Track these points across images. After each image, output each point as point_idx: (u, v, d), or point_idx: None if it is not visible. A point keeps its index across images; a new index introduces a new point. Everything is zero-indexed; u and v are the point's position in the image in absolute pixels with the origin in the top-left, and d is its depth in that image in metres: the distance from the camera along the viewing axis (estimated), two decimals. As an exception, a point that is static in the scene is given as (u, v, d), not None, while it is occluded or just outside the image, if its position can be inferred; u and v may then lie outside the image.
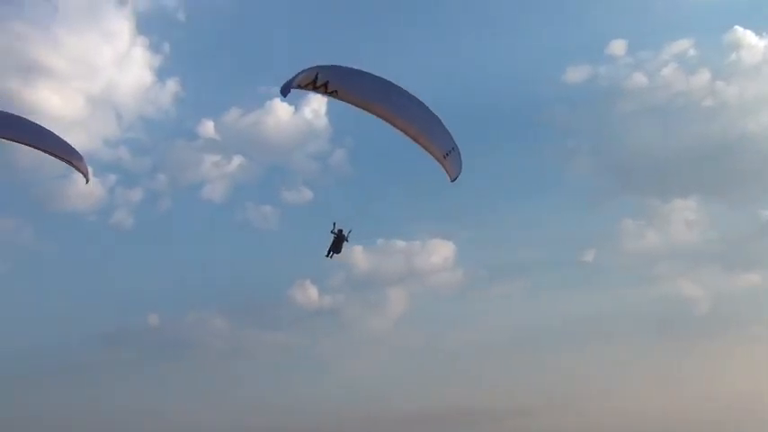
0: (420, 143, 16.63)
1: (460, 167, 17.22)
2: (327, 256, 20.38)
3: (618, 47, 75.44)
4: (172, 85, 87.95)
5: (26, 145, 16.68)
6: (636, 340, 65.61)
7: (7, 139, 16.65)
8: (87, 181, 18.68)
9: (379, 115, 16.28)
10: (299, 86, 15.20)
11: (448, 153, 16.79)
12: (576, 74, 76.82)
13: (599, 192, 77.46)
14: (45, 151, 16.90)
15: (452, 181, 17.19)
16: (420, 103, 16.71)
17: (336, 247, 20.36)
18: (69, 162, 17.56)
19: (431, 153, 16.76)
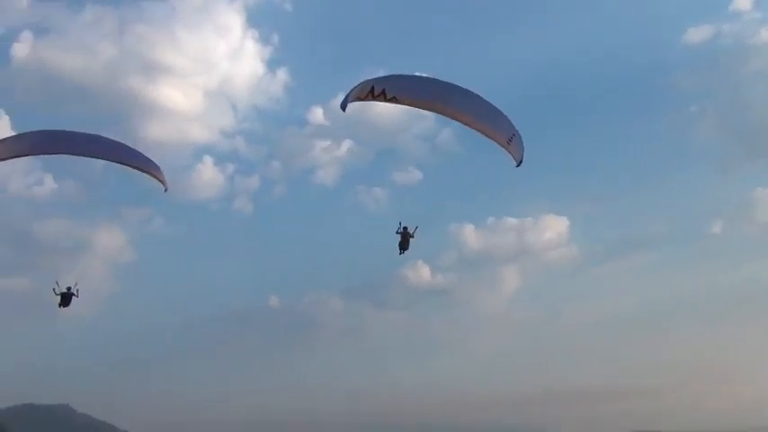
0: (484, 133, 17.04)
1: (523, 151, 17.57)
2: (400, 254, 20.69)
3: (743, 1, 75.19)
4: (282, 75, 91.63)
5: (112, 161, 17.80)
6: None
7: (95, 157, 17.92)
8: (166, 190, 19.45)
9: (440, 113, 16.93)
10: (359, 99, 15.93)
11: (510, 139, 17.17)
12: (696, 34, 76.77)
13: (727, 158, 79.93)
14: (128, 165, 18.00)
15: (517, 165, 17.51)
16: (477, 97, 16.97)
17: (404, 244, 20.62)
18: (149, 173, 18.49)
19: (495, 141, 17.17)
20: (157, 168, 18.45)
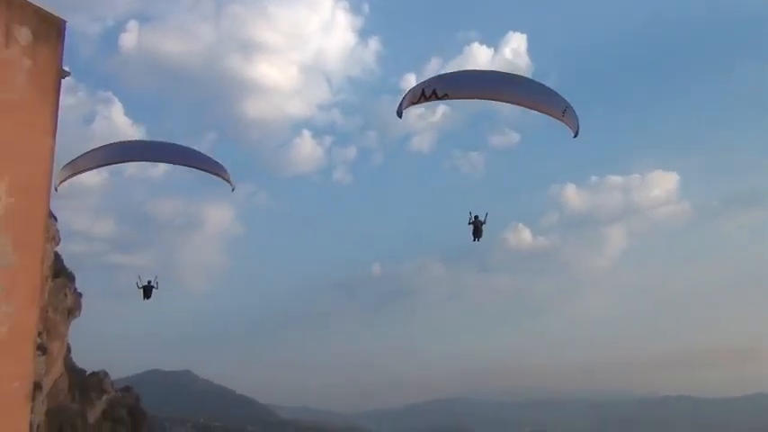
0: (538, 110, 17.64)
1: (578, 121, 18.06)
2: (474, 240, 21.37)
3: None
4: (374, 44, 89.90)
5: (180, 165, 19.29)
6: None
7: (168, 162, 19.68)
8: (233, 189, 20.50)
9: (491, 99, 17.72)
10: (412, 104, 16.88)
11: (564, 111, 17.58)
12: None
13: None
14: (197, 168, 19.17)
15: (575, 136, 18.06)
16: (524, 78, 18.10)
17: (477, 232, 21.15)
18: (217, 174, 19.47)
19: (551, 115, 17.63)
20: (224, 170, 19.96)
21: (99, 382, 77.45)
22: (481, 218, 21.17)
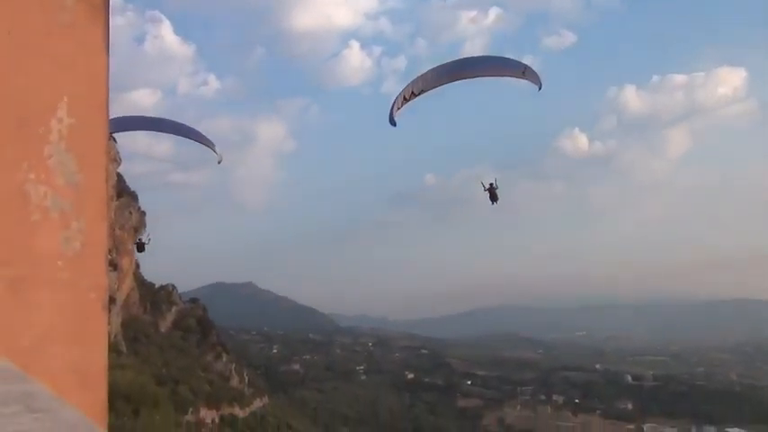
0: (501, 75, 19.40)
1: (539, 76, 19.35)
2: (492, 204, 22.44)
3: None
4: None
5: (175, 135, 21.14)
6: None
7: (167, 132, 21.52)
8: (220, 162, 22.37)
9: (462, 79, 19.47)
10: (399, 108, 18.91)
11: (524, 71, 19.06)
12: None
13: None
14: (190, 138, 20.95)
15: (540, 89, 19.24)
16: (483, 56, 21.22)
17: (494, 197, 22.32)
18: (206, 145, 21.13)
19: (513, 76, 19.14)
20: (213, 144, 22.07)
21: (168, 295, 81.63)
22: (494, 184, 23.08)
